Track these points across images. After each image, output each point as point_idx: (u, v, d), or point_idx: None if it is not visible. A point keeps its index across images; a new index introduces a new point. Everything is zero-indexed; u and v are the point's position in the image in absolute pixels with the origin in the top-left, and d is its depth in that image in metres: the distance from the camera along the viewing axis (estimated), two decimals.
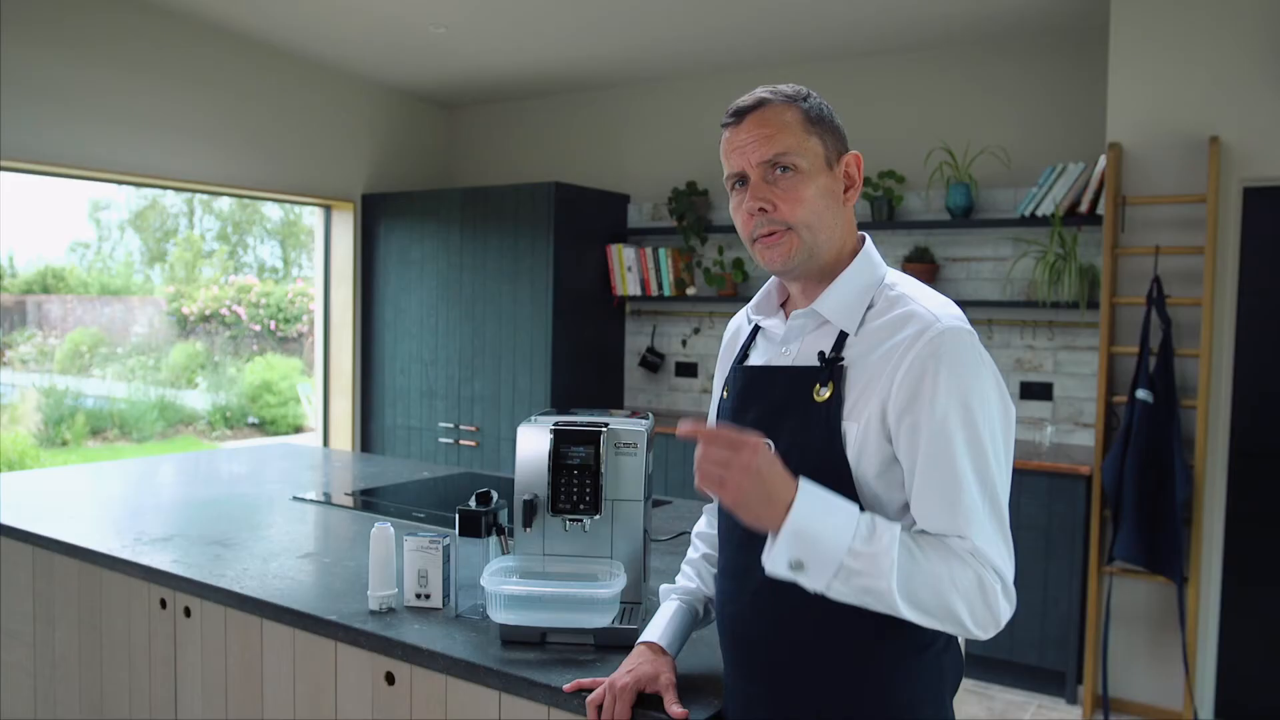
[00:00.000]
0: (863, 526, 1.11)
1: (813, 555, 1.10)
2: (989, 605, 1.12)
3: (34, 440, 8.29)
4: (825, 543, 1.09)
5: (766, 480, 1.10)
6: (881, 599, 1.10)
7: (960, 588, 1.11)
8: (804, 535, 1.10)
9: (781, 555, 1.11)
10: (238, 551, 2.16)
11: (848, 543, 1.09)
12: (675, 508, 2.74)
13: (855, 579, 1.10)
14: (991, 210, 4.28)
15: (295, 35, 4.69)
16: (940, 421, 1.14)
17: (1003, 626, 1.15)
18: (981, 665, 3.85)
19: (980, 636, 1.15)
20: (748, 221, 1.26)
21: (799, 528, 1.10)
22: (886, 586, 1.08)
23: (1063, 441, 4.15)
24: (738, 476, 1.10)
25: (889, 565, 1.08)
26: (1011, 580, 1.15)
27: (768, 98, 1.26)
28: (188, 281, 10.32)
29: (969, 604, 1.11)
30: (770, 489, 1.10)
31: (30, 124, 3.95)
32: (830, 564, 1.10)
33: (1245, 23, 3.43)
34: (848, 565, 1.09)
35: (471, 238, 5.07)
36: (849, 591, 1.11)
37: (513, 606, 1.54)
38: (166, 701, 2.09)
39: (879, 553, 1.09)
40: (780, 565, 1.12)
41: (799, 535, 1.10)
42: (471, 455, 5.12)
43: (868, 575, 1.09)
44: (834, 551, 1.09)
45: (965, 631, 1.14)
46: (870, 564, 1.09)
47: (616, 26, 4.39)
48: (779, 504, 1.10)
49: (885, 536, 1.10)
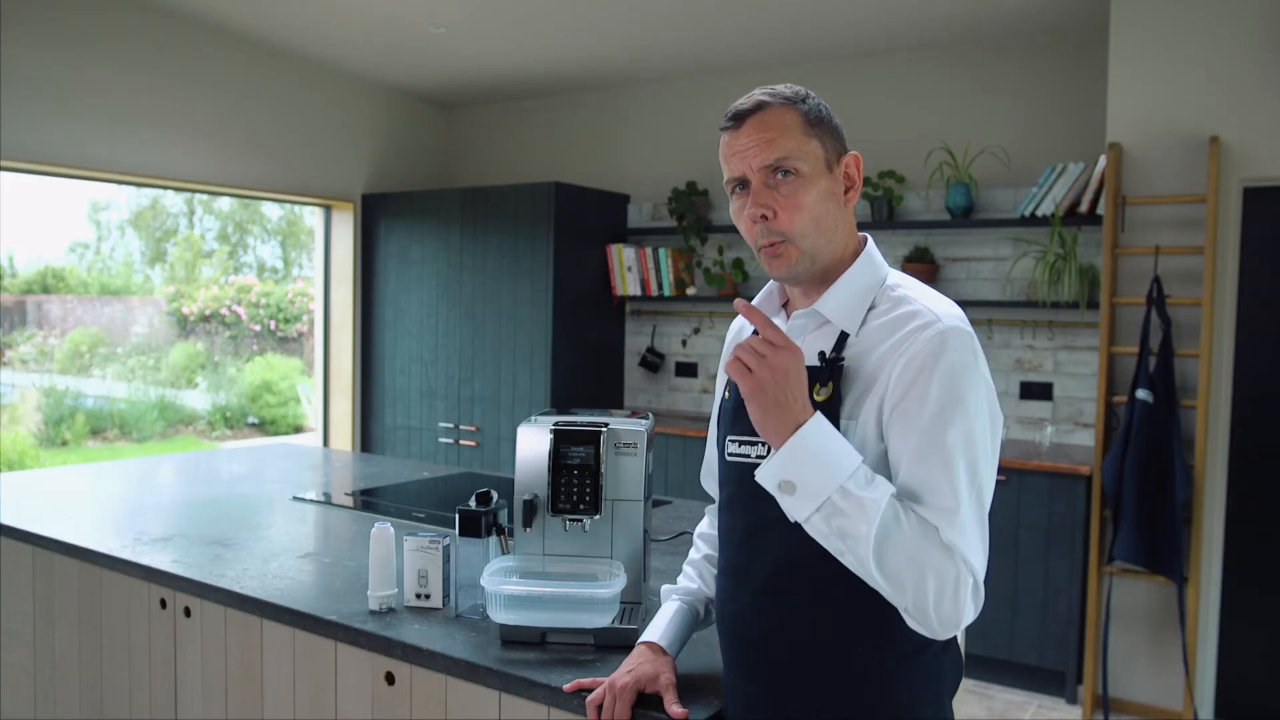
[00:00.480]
0: (861, 473, 1.11)
1: (805, 480, 1.11)
2: (957, 600, 1.11)
3: (34, 440, 8.29)
4: (821, 472, 1.10)
5: (790, 385, 1.12)
6: (855, 546, 1.10)
7: (936, 571, 1.10)
8: (803, 457, 1.11)
9: (775, 470, 1.12)
10: (238, 551, 2.16)
11: (842, 480, 1.10)
12: (675, 508, 2.74)
13: (837, 518, 1.10)
14: (991, 210, 4.29)
15: (295, 35, 4.69)
16: (933, 417, 1.14)
17: (960, 629, 1.14)
18: (981, 665, 3.85)
19: (937, 632, 1.13)
20: (751, 228, 1.26)
21: (802, 447, 1.11)
22: (865, 533, 1.08)
23: (1063, 441, 4.15)
24: (766, 371, 1.12)
25: (874, 514, 1.09)
26: (982, 580, 1.15)
27: (767, 100, 1.25)
28: (188, 281, 10.32)
29: (939, 589, 1.10)
30: (789, 397, 1.12)
31: (30, 124, 3.95)
32: (818, 495, 1.10)
33: (1245, 23, 3.43)
34: (835, 502, 1.10)
35: (471, 238, 5.07)
36: (827, 530, 1.11)
37: (513, 606, 1.54)
38: (166, 701, 2.10)
39: (868, 500, 1.09)
40: (771, 480, 1.13)
41: (799, 455, 1.11)
42: (471, 455, 5.12)
43: (850, 517, 1.09)
44: (826, 484, 1.10)
45: (925, 618, 1.12)
46: (857, 507, 1.09)
47: (616, 26, 4.40)
48: (791, 416, 1.12)
49: (880, 489, 1.11)
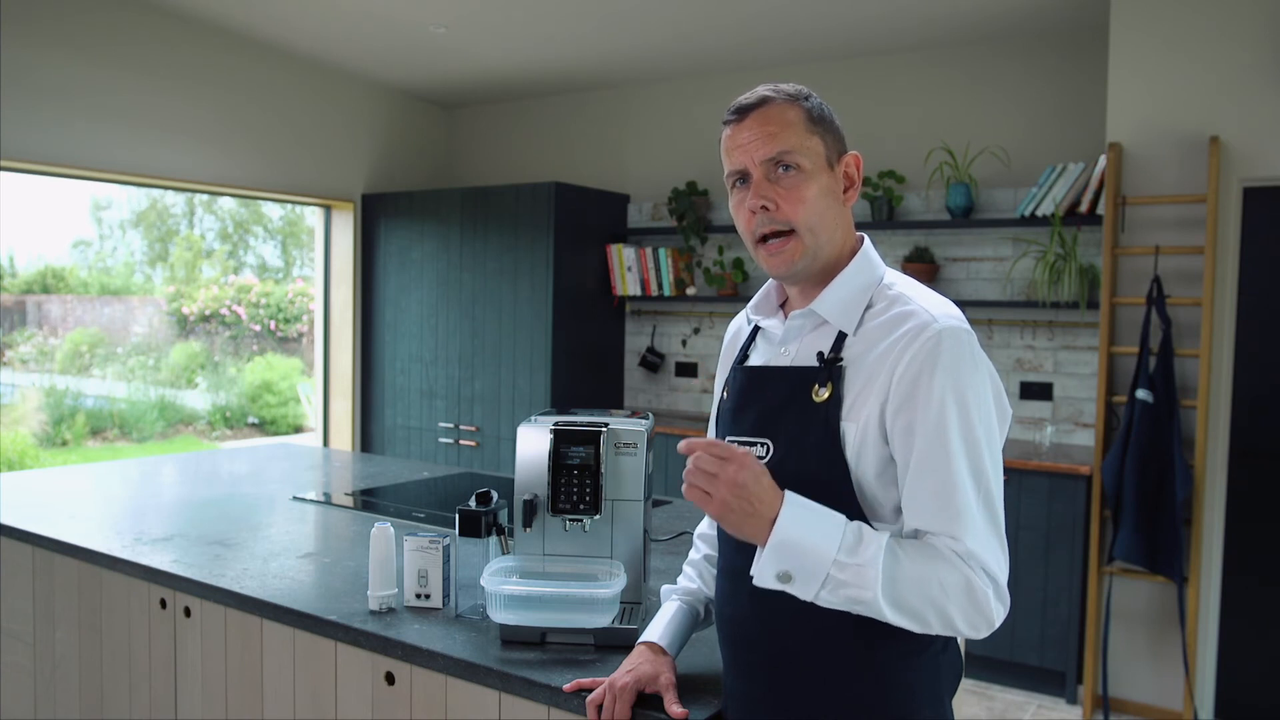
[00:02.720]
0: (849, 538, 1.12)
1: (799, 567, 1.12)
2: (979, 607, 1.13)
3: (34, 440, 8.29)
4: (811, 555, 1.11)
5: (751, 495, 1.12)
6: (869, 607, 1.12)
7: (949, 591, 1.12)
8: (790, 548, 1.12)
9: (769, 567, 1.13)
10: (238, 551, 2.16)
11: (833, 554, 1.11)
12: (675, 508, 2.74)
13: (842, 589, 1.12)
14: (991, 210, 4.28)
15: (296, 35, 4.69)
16: (935, 420, 1.14)
17: (996, 626, 1.15)
18: (981, 665, 3.85)
19: (974, 636, 1.16)
20: (749, 220, 1.26)
21: (784, 540, 1.12)
22: (872, 596, 1.10)
23: (1063, 441, 4.15)
24: (723, 491, 1.12)
25: (874, 576, 1.10)
26: (1005, 580, 1.16)
27: (770, 96, 1.26)
28: (188, 281, 10.31)
29: (959, 607, 1.12)
30: (755, 503, 1.12)
31: (31, 124, 3.95)
32: (817, 575, 1.12)
33: (1245, 23, 3.43)
34: (834, 576, 1.11)
35: (471, 238, 5.07)
36: (837, 600, 1.13)
37: (513, 606, 1.54)
38: (166, 701, 2.10)
39: (864, 564, 1.11)
40: (768, 577, 1.14)
41: (784, 548, 1.12)
42: (471, 455, 5.12)
43: (854, 586, 1.11)
44: (820, 563, 1.11)
45: (957, 632, 1.15)
46: (856, 575, 1.11)
47: (616, 27, 4.39)
48: (764, 518, 1.12)
49: (871, 548, 1.11)
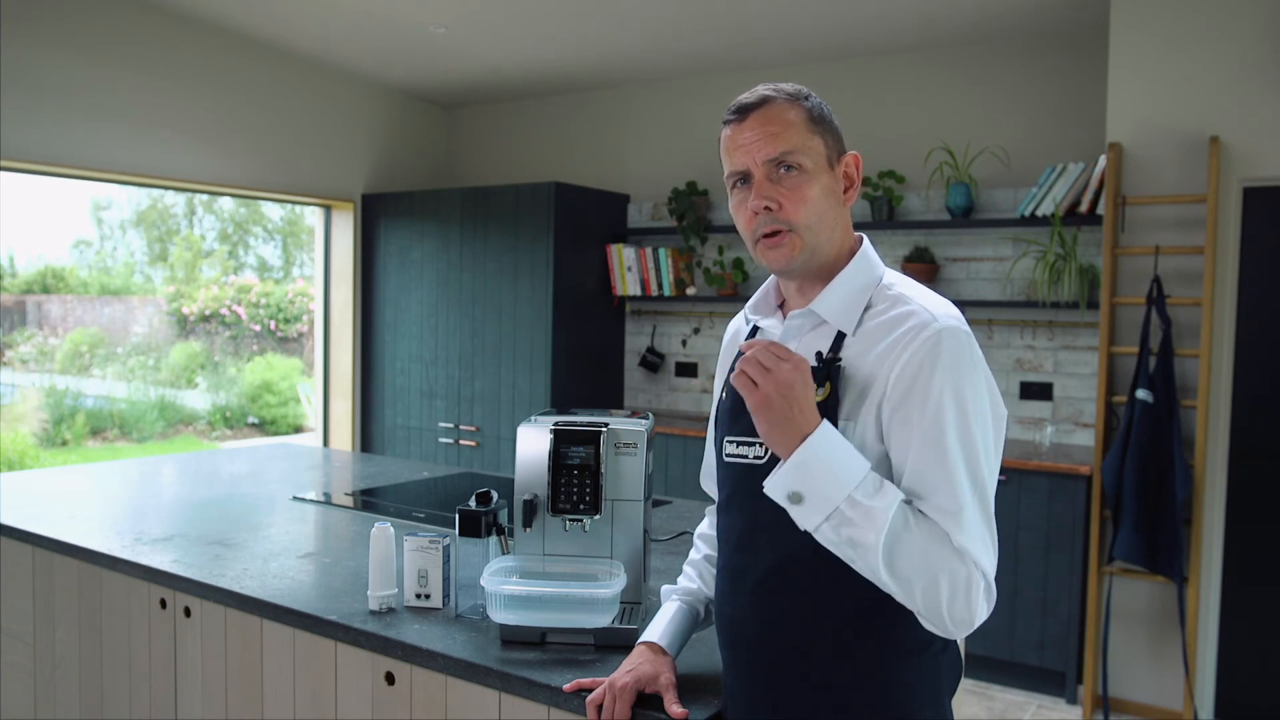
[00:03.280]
0: (869, 481, 1.12)
1: (813, 491, 1.11)
2: (969, 601, 1.12)
3: (34, 440, 8.29)
4: (828, 483, 1.11)
5: (796, 400, 1.12)
6: (865, 554, 1.11)
7: (947, 575, 1.11)
8: (810, 469, 1.11)
9: (783, 482, 1.12)
10: (238, 551, 2.16)
11: (849, 490, 1.10)
12: (675, 508, 2.74)
13: (845, 527, 1.11)
14: (991, 210, 4.28)
15: (295, 35, 4.69)
16: (933, 419, 1.14)
17: (974, 628, 1.15)
18: (981, 665, 3.85)
19: (951, 632, 1.14)
20: (750, 220, 1.26)
21: (807, 459, 1.11)
22: (873, 541, 1.09)
23: (1063, 441, 4.15)
24: (772, 385, 1.12)
25: (882, 523, 1.09)
26: (993, 579, 1.16)
27: (771, 95, 1.25)
28: (188, 281, 10.31)
29: (950, 593, 1.12)
30: (795, 410, 1.12)
31: (31, 124, 3.95)
32: (827, 505, 1.11)
33: (1245, 23, 3.43)
34: (843, 511, 1.10)
35: (471, 238, 5.07)
36: (836, 539, 1.12)
37: (513, 606, 1.54)
38: (166, 701, 2.10)
39: (876, 509, 1.10)
40: (779, 492, 1.13)
41: (805, 467, 1.11)
42: (471, 455, 5.12)
43: (858, 527, 1.10)
44: (834, 494, 1.10)
45: (939, 620, 1.13)
46: (864, 516, 1.10)
47: (616, 26, 4.40)
48: (796, 429, 1.12)
49: (888, 496, 1.11)
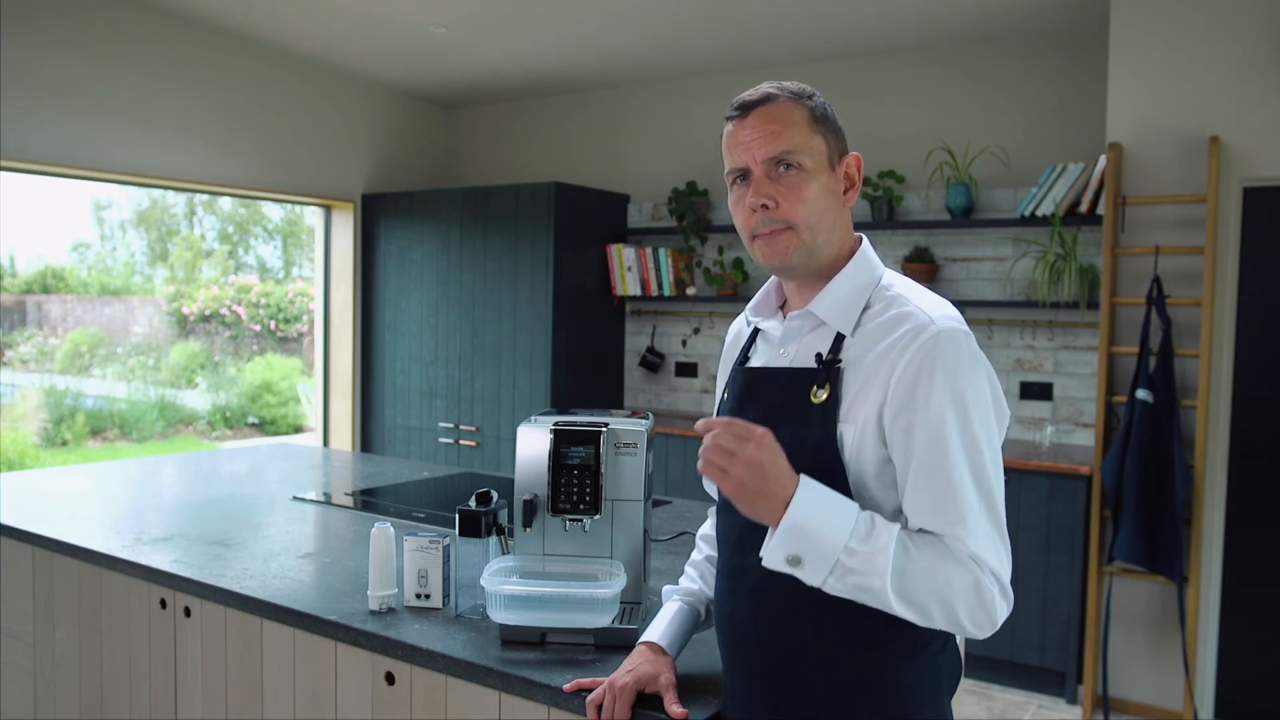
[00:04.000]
0: (861, 525, 1.11)
1: (810, 551, 1.11)
2: (985, 607, 1.13)
3: (35, 440, 8.29)
4: (823, 539, 1.10)
5: (768, 474, 1.11)
6: (876, 597, 1.11)
7: (957, 589, 1.12)
8: (802, 531, 1.11)
9: (779, 549, 1.12)
10: (238, 551, 2.16)
11: (844, 540, 1.10)
12: (675, 508, 2.74)
13: (850, 576, 1.11)
14: (991, 210, 4.28)
15: (296, 35, 4.69)
16: (935, 423, 1.14)
17: (999, 625, 1.15)
18: (981, 665, 3.85)
19: (977, 636, 1.16)
20: (749, 218, 1.25)
21: (797, 523, 1.11)
22: (880, 585, 1.10)
23: (1063, 441, 4.15)
24: (740, 469, 1.11)
25: (884, 565, 1.09)
26: (1008, 579, 1.16)
27: (774, 93, 1.25)
28: (188, 281, 10.31)
29: (966, 605, 1.12)
30: (771, 483, 1.11)
31: (31, 124, 3.95)
32: (827, 560, 1.10)
33: (1245, 23, 3.43)
34: (844, 563, 1.10)
35: (471, 238, 5.07)
36: (844, 588, 1.12)
37: (513, 606, 1.54)
38: (166, 701, 2.10)
39: (875, 552, 1.10)
40: (778, 559, 1.13)
41: (797, 530, 1.11)
42: (471, 455, 5.12)
43: (863, 574, 1.10)
44: (831, 548, 1.10)
45: (962, 630, 1.15)
46: (866, 563, 1.10)
47: (616, 27, 4.39)
48: (778, 499, 1.11)
49: (883, 536, 1.11)
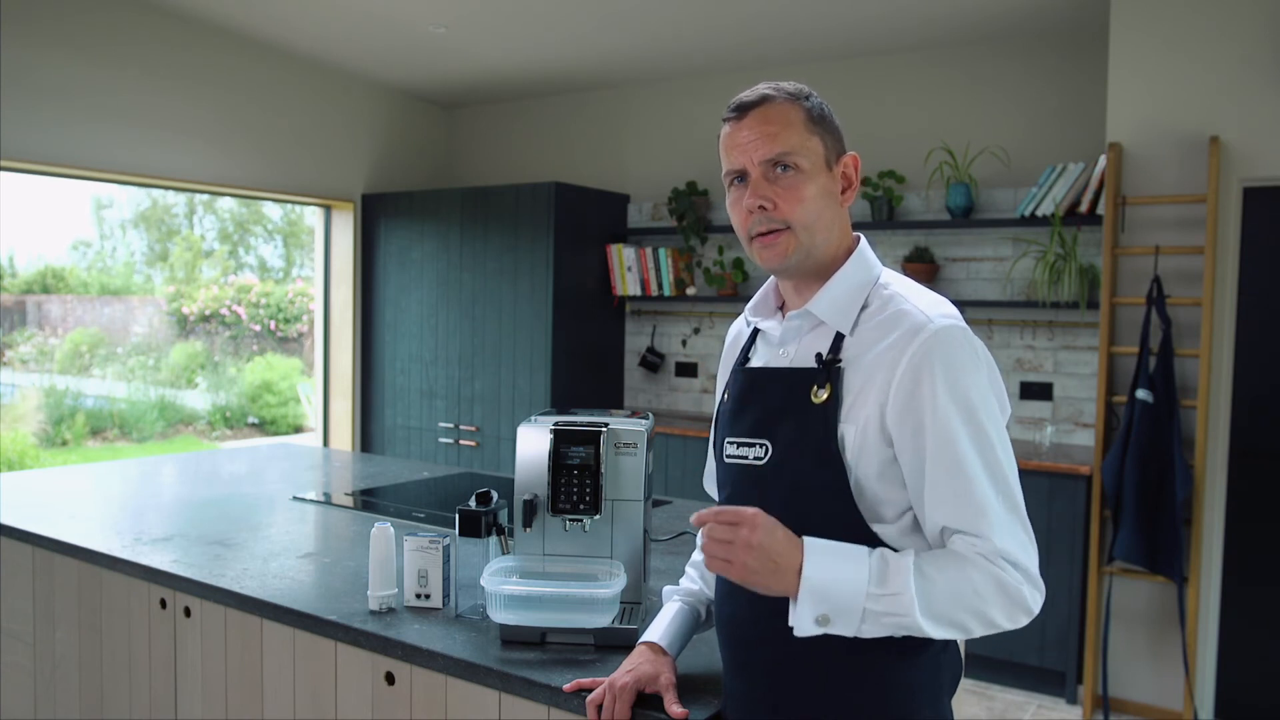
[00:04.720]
0: (875, 568, 1.13)
1: (836, 609, 1.12)
2: (1015, 600, 1.14)
3: (34, 440, 8.29)
4: (844, 595, 1.12)
5: (770, 552, 1.12)
6: (911, 629, 1.13)
7: (984, 594, 1.13)
8: (822, 593, 1.12)
9: (806, 615, 1.13)
10: (238, 551, 2.16)
11: (865, 588, 1.12)
12: (675, 508, 2.74)
13: (882, 619, 1.12)
14: (991, 210, 4.28)
15: (296, 35, 4.69)
16: (943, 423, 1.14)
17: (1035, 614, 1.17)
18: (981, 665, 3.85)
19: (1015, 628, 1.18)
20: (746, 219, 1.26)
21: (815, 587, 1.12)
22: (912, 620, 1.11)
23: (1063, 441, 4.15)
24: (742, 554, 1.12)
25: (909, 600, 1.11)
26: (1035, 568, 1.17)
27: (771, 94, 1.25)
28: (188, 281, 10.31)
29: (997, 605, 1.14)
30: (776, 559, 1.12)
31: (31, 124, 3.95)
32: (854, 613, 1.12)
33: (1245, 23, 3.43)
34: (870, 609, 1.12)
35: (471, 238, 5.07)
36: (879, 630, 1.14)
37: (513, 606, 1.54)
38: (166, 701, 2.10)
39: (897, 591, 1.11)
40: (807, 625, 1.14)
41: (817, 594, 1.12)
42: (471, 455, 5.12)
43: (893, 614, 1.12)
44: (854, 600, 1.12)
45: (999, 628, 1.17)
46: (892, 604, 1.12)
47: (616, 27, 4.40)
48: (789, 570, 1.13)
49: (900, 574, 1.12)
